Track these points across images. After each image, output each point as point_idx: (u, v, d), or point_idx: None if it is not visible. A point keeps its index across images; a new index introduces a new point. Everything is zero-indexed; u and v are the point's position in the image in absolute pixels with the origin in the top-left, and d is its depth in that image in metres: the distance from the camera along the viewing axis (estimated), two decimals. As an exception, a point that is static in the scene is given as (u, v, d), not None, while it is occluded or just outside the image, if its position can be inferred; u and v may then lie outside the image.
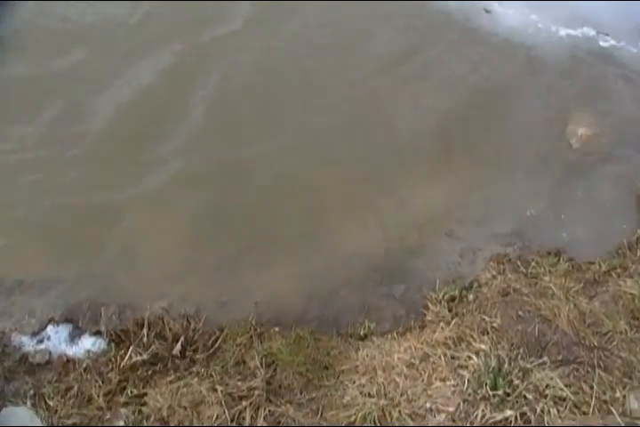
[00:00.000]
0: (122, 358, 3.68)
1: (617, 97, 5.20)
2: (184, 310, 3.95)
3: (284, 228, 4.42)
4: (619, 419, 3.14)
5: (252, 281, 4.15)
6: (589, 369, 3.43)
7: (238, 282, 4.16)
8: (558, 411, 3.20)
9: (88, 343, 3.73)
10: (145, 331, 3.84)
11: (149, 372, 3.69)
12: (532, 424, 3.18)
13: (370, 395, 3.43)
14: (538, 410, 3.18)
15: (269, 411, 3.47)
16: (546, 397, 3.27)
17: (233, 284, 4.14)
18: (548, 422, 3.17)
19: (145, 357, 3.67)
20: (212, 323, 3.93)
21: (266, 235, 4.39)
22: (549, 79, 5.31)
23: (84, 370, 3.61)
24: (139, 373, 3.67)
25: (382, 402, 3.38)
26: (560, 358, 3.53)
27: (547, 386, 3.32)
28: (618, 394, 3.27)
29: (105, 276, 4.19)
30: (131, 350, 3.74)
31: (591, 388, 3.34)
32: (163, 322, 3.96)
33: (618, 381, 3.36)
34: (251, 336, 3.83)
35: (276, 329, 3.90)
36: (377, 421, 3.34)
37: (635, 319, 3.69)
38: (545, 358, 3.50)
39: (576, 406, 3.25)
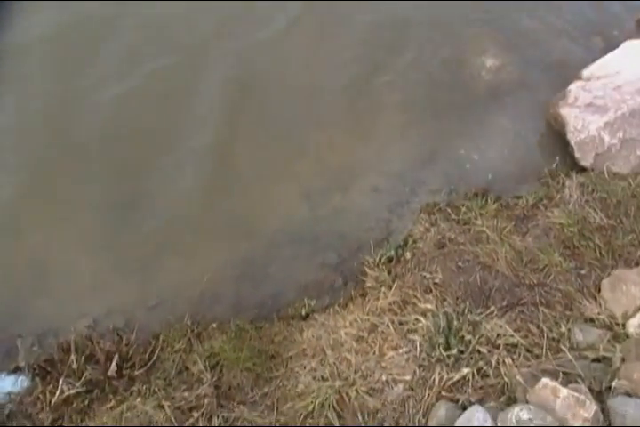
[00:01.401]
0: (52, 394, 3.20)
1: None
2: (112, 324, 3.56)
3: (202, 211, 4.02)
4: (569, 355, 2.96)
5: (179, 276, 3.77)
6: (533, 308, 3.31)
7: (164, 280, 3.78)
8: (513, 360, 3.04)
9: (7, 384, 3.12)
10: (73, 356, 3.34)
11: (86, 402, 3.26)
12: (490, 378, 3.00)
13: (323, 378, 3.20)
14: (493, 363, 3.03)
15: (223, 417, 3.17)
16: (499, 347, 3.12)
17: (158, 283, 3.75)
18: (505, 374, 2.96)
19: (78, 386, 3.13)
20: (146, 332, 3.53)
21: (183, 222, 3.97)
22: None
23: (8, 417, 3.02)
24: (74, 405, 3.22)
25: (337, 384, 3.13)
26: (505, 303, 3.37)
27: (497, 336, 3.17)
28: (563, 329, 3.15)
29: (13, 301, 3.71)
30: (60, 381, 3.26)
31: (538, 327, 3.20)
32: (91, 342, 3.48)
33: (561, 315, 3.25)
34: (189, 339, 3.48)
35: (214, 325, 3.57)
36: (335, 405, 3.12)
37: (566, 248, 3.57)
38: (492, 308, 3.34)
39: (528, 351, 3.10)
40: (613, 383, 2.66)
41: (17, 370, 3.32)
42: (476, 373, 3.00)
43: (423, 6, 4.90)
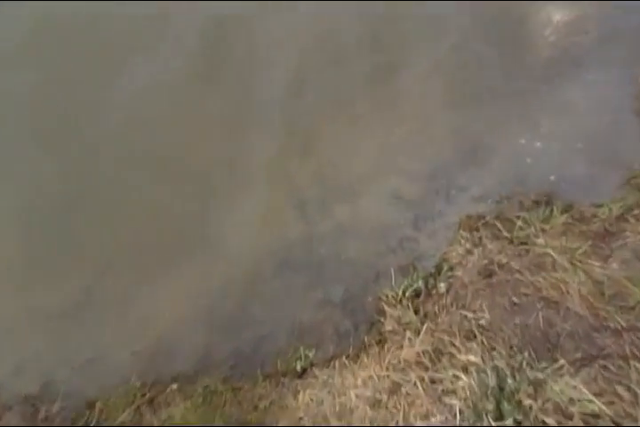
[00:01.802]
0: None
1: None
2: (23, 391, 3.43)
3: (158, 232, 4.00)
4: (678, 433, 2.77)
5: (122, 320, 3.71)
6: (621, 363, 3.12)
7: (100, 326, 3.73)
8: (594, 436, 2.79)
9: None
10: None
11: None
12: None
13: (327, 461, 3.09)
14: (565, 439, 2.81)
15: None
16: (572, 417, 2.94)
17: (93, 331, 3.70)
18: (583, 458, 2.81)
19: None
20: (76, 398, 3.43)
21: (133, 247, 3.95)
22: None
23: None
24: None
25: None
26: (580, 355, 3.20)
27: (570, 401, 2.98)
28: (665, 392, 2.88)
29: None
30: None
31: (629, 390, 3.00)
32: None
33: (662, 373, 2.97)
34: (138, 407, 3.42)
35: (174, 387, 3.51)
36: None
37: (668, 278, 3.32)
38: (561, 361, 3.15)
39: (616, 424, 2.89)
40: None
41: None
42: (540, 452, 2.80)
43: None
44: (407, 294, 3.71)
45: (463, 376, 3.20)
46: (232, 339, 3.68)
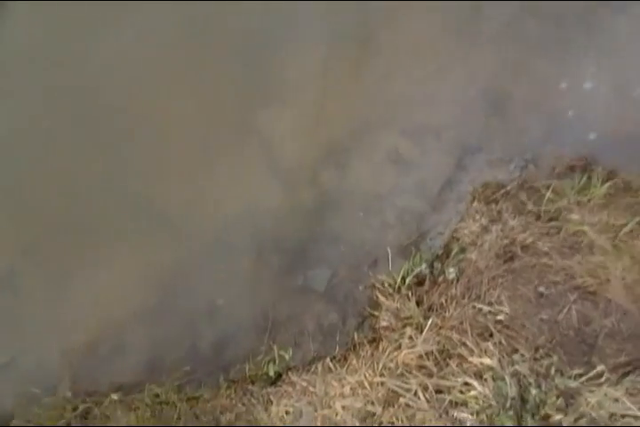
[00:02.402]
0: None
1: None
2: None
3: (99, 206, 4.01)
4: None
5: (49, 311, 3.69)
6: None
7: (21, 319, 3.71)
8: (640, 461, 2.83)
9: None
10: None
11: None
12: None
13: None
14: (606, 466, 2.84)
15: None
16: None
17: (10, 325, 3.68)
18: None
19: None
20: None
21: (68, 226, 3.95)
22: None
23: None
24: None
25: None
26: (623, 359, 3.15)
27: (611, 416, 2.94)
28: None
29: None
30: None
31: None
32: None
33: None
34: (68, 422, 3.38)
35: (115, 397, 3.44)
36: None
37: None
38: (599, 367, 3.09)
39: None
40: None
41: None
42: (574, 482, 2.82)
43: None
44: (408, 282, 3.65)
45: (476, 384, 3.12)
46: (188, 337, 3.65)
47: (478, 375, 3.16)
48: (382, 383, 3.29)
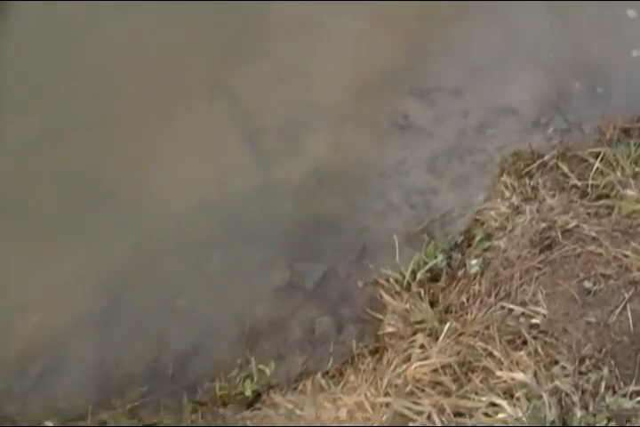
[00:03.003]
0: None
1: None
2: None
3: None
4: None
5: None
6: None
7: None
8: None
9: None
10: None
11: None
12: None
13: None
14: None
15: None
16: None
17: None
18: None
19: None
20: None
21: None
22: None
23: None
24: None
25: None
26: None
27: None
28: None
29: None
30: None
31: None
32: None
33: None
34: None
35: (50, 424, 3.23)
36: None
37: None
38: None
39: None
40: None
41: None
42: None
43: None
44: (419, 277, 3.53)
45: (505, 405, 2.96)
46: (144, 348, 3.47)
47: (508, 394, 3.01)
48: (387, 404, 3.12)
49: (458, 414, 3.00)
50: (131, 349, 3.47)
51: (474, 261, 3.49)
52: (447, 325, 3.29)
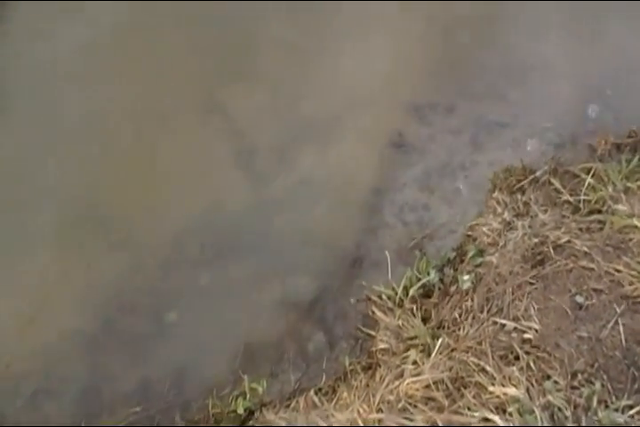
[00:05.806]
0: None
1: None
2: None
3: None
4: None
5: None
6: None
7: None
8: None
9: None
10: None
11: None
12: None
13: None
14: None
15: None
16: None
17: None
18: None
19: None
20: None
21: None
22: None
23: None
24: None
25: None
26: None
27: None
28: None
29: None
30: None
31: None
32: None
33: None
34: None
35: None
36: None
37: None
38: None
39: None
40: None
41: None
42: None
43: None
44: (411, 293, 3.60)
45: (498, 420, 3.00)
46: (135, 365, 3.54)
47: (501, 409, 3.05)
48: (380, 421, 3.16)
49: (451, 430, 3.06)
50: (123, 367, 3.52)
51: (466, 277, 3.56)
52: (440, 340, 3.33)
